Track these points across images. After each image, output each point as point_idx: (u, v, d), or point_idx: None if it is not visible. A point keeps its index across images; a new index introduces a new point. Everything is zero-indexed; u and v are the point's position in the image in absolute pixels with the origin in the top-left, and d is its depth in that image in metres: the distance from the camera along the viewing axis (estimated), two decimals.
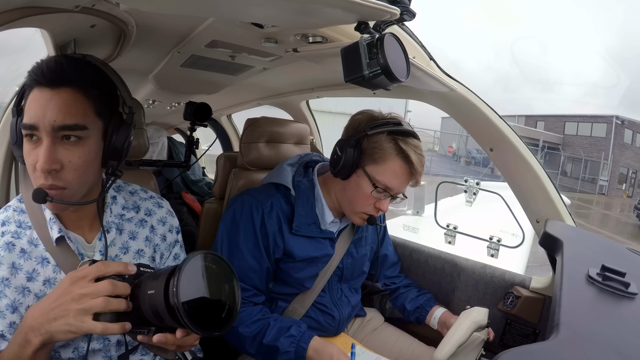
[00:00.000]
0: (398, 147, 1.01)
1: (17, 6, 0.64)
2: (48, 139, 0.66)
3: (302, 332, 1.03)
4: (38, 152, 0.66)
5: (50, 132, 0.66)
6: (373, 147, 1.03)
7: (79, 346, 0.74)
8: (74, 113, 0.67)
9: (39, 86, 0.67)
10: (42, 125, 0.65)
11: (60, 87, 0.66)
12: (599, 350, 0.51)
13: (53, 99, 0.66)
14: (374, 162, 1.03)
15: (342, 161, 1.03)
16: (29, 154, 0.68)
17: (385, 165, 1.02)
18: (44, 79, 0.66)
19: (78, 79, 0.67)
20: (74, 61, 0.69)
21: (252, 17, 0.75)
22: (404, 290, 1.37)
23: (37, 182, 0.67)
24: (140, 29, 0.94)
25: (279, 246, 1.09)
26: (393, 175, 1.02)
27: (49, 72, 0.66)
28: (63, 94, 0.66)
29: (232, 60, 1.21)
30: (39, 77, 0.66)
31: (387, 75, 0.64)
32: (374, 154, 1.02)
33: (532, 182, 1.19)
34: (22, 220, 0.75)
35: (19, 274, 0.70)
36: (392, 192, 1.05)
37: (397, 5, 0.62)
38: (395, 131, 1.02)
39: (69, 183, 0.68)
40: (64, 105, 0.66)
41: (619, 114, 21.20)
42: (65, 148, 0.67)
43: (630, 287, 0.69)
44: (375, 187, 1.03)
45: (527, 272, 2.10)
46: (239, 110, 2.56)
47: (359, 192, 1.05)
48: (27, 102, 0.67)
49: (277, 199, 1.10)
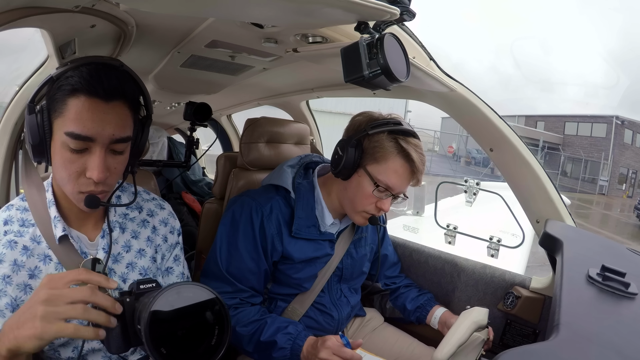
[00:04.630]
0: (399, 146, 1.02)
1: (17, 6, 0.64)
2: (102, 150, 0.69)
3: (299, 330, 1.04)
4: (86, 161, 0.69)
5: (106, 145, 0.69)
6: (374, 147, 1.03)
7: (78, 345, 0.74)
8: (126, 127, 0.71)
9: (93, 96, 0.66)
10: (100, 138, 0.68)
11: (114, 101, 0.68)
12: (599, 350, 0.51)
13: (109, 113, 0.68)
14: (375, 161, 1.03)
15: (344, 161, 1.03)
16: (72, 162, 0.69)
17: (387, 164, 1.02)
18: (102, 90, 0.67)
19: (127, 93, 0.71)
20: (119, 74, 0.71)
21: (252, 17, 0.75)
22: (405, 290, 1.37)
23: (85, 189, 0.71)
24: (140, 29, 0.94)
25: (277, 250, 1.09)
26: (394, 174, 1.02)
27: (107, 84, 0.67)
28: (117, 109, 0.69)
29: (232, 60, 1.21)
30: (96, 87, 0.66)
31: (387, 75, 0.64)
32: (375, 153, 1.03)
33: (532, 183, 1.19)
34: (25, 218, 0.75)
35: (21, 271, 0.71)
36: (394, 192, 1.05)
37: (397, 5, 0.62)
38: (395, 130, 1.03)
39: (110, 186, 0.74)
40: (119, 119, 0.69)
41: (620, 114, 21.21)
42: (113, 157, 0.72)
43: (630, 287, 0.69)
44: (377, 186, 1.03)
45: (527, 272, 2.10)
46: (239, 110, 2.56)
47: (361, 192, 1.05)
48: (74, 109, 0.66)
49: (276, 202, 1.10)
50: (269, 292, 1.16)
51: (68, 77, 0.67)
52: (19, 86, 1.11)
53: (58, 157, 0.70)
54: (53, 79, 0.69)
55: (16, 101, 1.11)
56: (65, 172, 0.70)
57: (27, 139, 0.70)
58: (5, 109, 1.13)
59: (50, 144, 0.70)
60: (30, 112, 0.68)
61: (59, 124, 0.68)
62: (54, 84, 0.68)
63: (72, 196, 0.73)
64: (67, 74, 0.68)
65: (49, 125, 0.69)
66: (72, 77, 0.67)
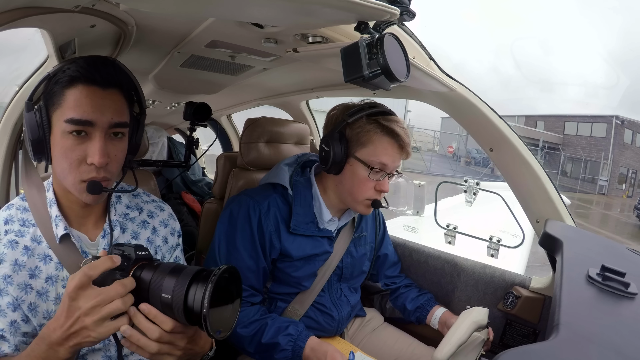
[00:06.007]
0: (381, 126, 1.04)
1: (17, 6, 0.64)
2: (102, 135, 0.71)
3: (300, 331, 1.04)
4: (87, 147, 0.70)
5: (105, 129, 0.71)
6: (358, 133, 1.05)
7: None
8: (123, 113, 0.74)
9: (90, 84, 0.69)
10: (99, 122, 0.70)
11: (110, 89, 0.71)
12: (599, 350, 0.51)
13: (107, 99, 0.71)
14: (362, 146, 1.05)
15: (332, 155, 1.05)
16: (72, 149, 0.70)
17: (375, 146, 1.04)
18: (99, 77, 0.70)
19: (122, 83, 0.74)
20: (114, 64, 0.74)
21: (252, 17, 0.75)
22: (405, 290, 1.37)
23: (87, 176, 0.72)
24: (140, 29, 0.94)
25: (275, 247, 1.09)
26: (384, 153, 1.04)
27: (104, 72, 0.70)
28: (114, 96, 0.72)
29: (232, 60, 1.21)
30: (93, 75, 0.69)
31: (387, 75, 0.64)
32: (360, 138, 1.05)
33: (532, 182, 1.19)
34: (25, 218, 0.75)
35: (22, 271, 0.71)
36: (389, 170, 1.06)
37: (397, 5, 0.62)
38: (373, 113, 1.06)
39: (112, 175, 0.75)
40: (116, 105, 0.72)
41: (620, 114, 21.21)
42: (112, 144, 0.73)
43: (630, 287, 0.69)
44: (372, 168, 1.04)
45: (527, 272, 2.10)
46: (239, 110, 2.56)
47: (357, 180, 1.06)
48: (73, 97, 0.69)
49: (274, 199, 1.11)
50: (268, 292, 1.16)
51: (65, 70, 0.70)
52: (19, 86, 1.11)
53: (58, 148, 0.70)
54: (50, 76, 0.70)
55: (16, 101, 1.11)
56: (66, 162, 0.70)
57: (27, 136, 0.71)
58: (5, 109, 1.13)
59: (49, 140, 0.71)
60: (28, 110, 0.70)
61: (58, 115, 0.69)
62: (50, 80, 0.70)
63: (74, 187, 0.73)
64: (64, 68, 0.70)
65: (48, 119, 0.70)
66: (69, 69, 0.69)
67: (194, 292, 0.58)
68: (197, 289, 0.58)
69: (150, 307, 0.60)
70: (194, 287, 0.58)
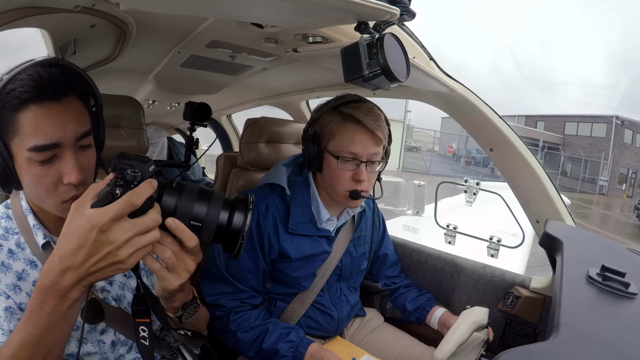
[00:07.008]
0: (342, 114, 1.04)
1: (17, 6, 0.64)
2: (71, 151, 0.65)
3: (301, 338, 1.04)
4: (59, 168, 0.65)
5: (73, 144, 0.65)
6: (324, 126, 1.06)
7: (74, 352, 0.72)
8: (85, 120, 0.68)
9: (43, 101, 0.62)
10: (65, 140, 0.64)
11: (66, 98, 0.64)
12: (599, 350, 0.51)
13: (66, 112, 0.64)
14: (330, 137, 1.05)
15: (308, 154, 1.07)
16: (44, 175, 0.64)
17: (340, 135, 1.04)
18: (51, 90, 0.62)
19: (75, 86, 0.67)
20: (60, 69, 0.66)
21: (252, 17, 0.75)
22: (405, 290, 1.37)
23: (67, 196, 0.66)
24: (140, 29, 0.94)
25: (273, 247, 1.09)
26: (350, 140, 1.03)
27: (54, 81, 0.63)
28: (71, 105, 0.65)
29: (232, 60, 1.21)
30: (44, 89, 0.62)
31: (387, 75, 0.64)
32: (326, 131, 1.06)
33: (532, 182, 1.19)
34: (8, 226, 0.73)
35: (9, 272, 0.69)
36: (362, 157, 1.04)
37: (397, 5, 0.62)
38: (338, 104, 1.06)
39: (88, 185, 0.68)
40: (76, 114, 0.66)
41: (620, 114, 21.21)
42: (83, 155, 0.68)
43: (630, 287, 0.69)
44: (338, 158, 1.04)
45: (527, 272, 2.10)
46: (239, 110, 2.56)
47: (332, 172, 1.07)
48: (29, 122, 0.61)
49: (272, 200, 1.11)
50: (268, 292, 1.16)
51: (9, 91, 0.61)
52: None
53: (28, 177, 0.65)
54: None
55: None
56: (41, 188, 0.65)
57: None
58: None
59: (14, 168, 0.65)
60: None
61: (17, 143, 0.63)
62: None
63: (56, 209, 0.68)
64: (6, 88, 0.61)
65: (6, 149, 0.64)
66: (13, 90, 0.61)
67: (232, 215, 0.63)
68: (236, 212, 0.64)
69: (178, 222, 0.58)
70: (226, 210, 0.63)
